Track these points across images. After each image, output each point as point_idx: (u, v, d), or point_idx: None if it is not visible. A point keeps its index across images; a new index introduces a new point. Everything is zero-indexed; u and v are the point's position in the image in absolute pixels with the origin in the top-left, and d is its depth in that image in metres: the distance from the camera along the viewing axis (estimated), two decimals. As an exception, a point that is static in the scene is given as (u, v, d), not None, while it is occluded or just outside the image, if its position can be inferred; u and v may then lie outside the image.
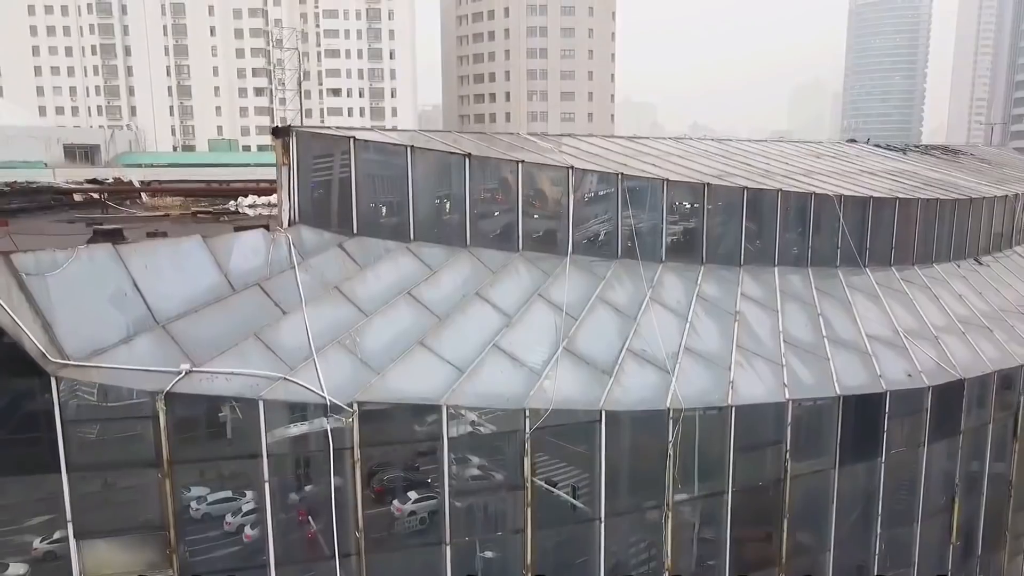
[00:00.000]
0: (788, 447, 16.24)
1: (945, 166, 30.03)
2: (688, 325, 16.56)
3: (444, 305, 14.84)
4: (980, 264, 24.28)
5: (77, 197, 26.31)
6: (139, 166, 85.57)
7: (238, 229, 14.27)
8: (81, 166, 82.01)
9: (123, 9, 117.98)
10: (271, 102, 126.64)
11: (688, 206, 17.99)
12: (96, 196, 26.20)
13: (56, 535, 12.00)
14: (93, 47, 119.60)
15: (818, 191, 19.73)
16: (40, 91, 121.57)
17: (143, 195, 27.43)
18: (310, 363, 13.09)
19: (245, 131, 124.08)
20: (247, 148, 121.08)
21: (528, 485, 13.86)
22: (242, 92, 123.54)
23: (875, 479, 17.63)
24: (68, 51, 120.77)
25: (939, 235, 22.69)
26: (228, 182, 32.48)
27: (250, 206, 31.02)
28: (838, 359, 17.50)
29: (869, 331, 18.60)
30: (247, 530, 12.95)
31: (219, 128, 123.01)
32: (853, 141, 31.52)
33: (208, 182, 33.18)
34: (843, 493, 17.22)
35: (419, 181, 15.51)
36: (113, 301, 12.55)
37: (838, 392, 16.69)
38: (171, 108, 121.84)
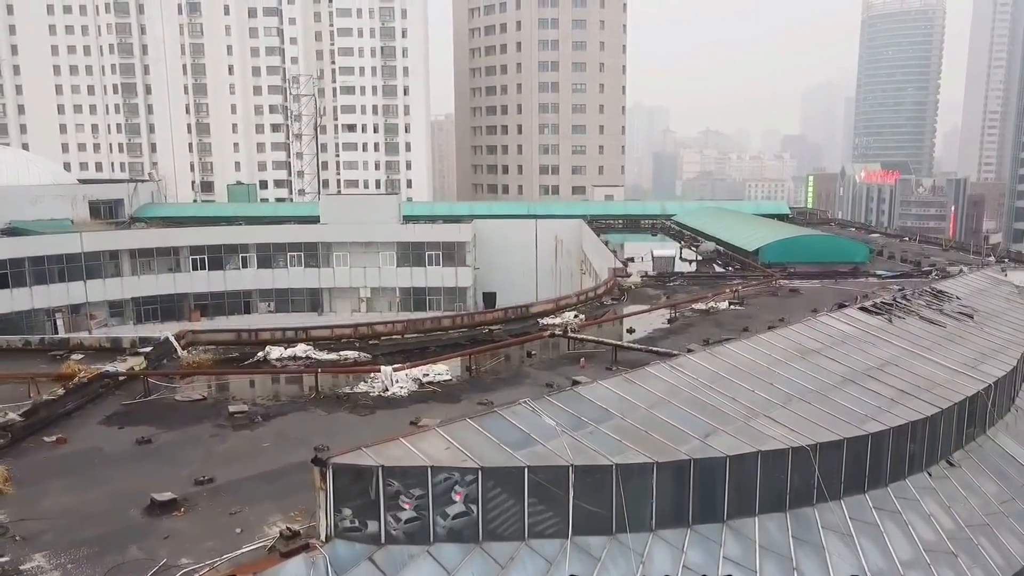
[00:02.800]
0: None
1: (926, 336, 32.02)
2: (673, 604, 18.83)
3: (459, 614, 17.18)
4: (952, 465, 26.37)
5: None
6: (161, 219, 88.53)
7: (284, 555, 16.59)
8: (106, 221, 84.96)
9: (143, 49, 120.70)
10: (287, 138, 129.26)
11: (675, 480, 20.16)
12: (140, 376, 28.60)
13: None
14: (115, 86, 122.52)
15: (795, 444, 21.87)
16: (63, 128, 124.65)
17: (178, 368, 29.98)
18: None
19: (262, 166, 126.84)
20: (264, 184, 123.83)
21: None
22: (259, 128, 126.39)
23: None
24: (90, 90, 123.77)
25: (912, 451, 24.80)
26: (256, 332, 35.51)
27: (277, 359, 33.81)
28: (808, 621, 19.75)
29: (839, 581, 20.80)
30: None
31: (236, 164, 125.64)
32: (843, 306, 33.62)
33: (239, 332, 35.85)
34: None
35: (438, 490, 17.84)
36: (184, 652, 14.97)
37: (804, 664, 18.96)
38: (190, 145, 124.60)
